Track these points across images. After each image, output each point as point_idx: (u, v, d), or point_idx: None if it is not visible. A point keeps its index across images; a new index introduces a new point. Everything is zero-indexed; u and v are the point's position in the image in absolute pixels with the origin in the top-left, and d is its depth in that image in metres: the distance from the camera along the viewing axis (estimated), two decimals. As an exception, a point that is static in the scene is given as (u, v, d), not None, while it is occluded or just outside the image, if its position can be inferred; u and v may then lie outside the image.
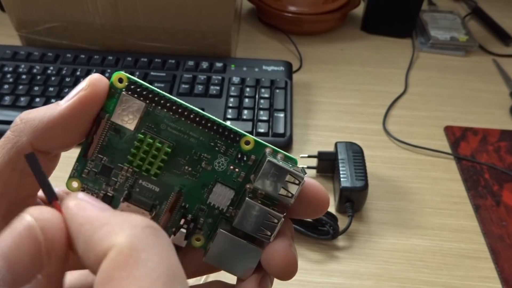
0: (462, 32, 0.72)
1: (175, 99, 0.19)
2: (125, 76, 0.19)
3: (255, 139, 0.20)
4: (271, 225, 0.20)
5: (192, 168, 0.20)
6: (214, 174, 0.20)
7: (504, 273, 0.40)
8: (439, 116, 0.58)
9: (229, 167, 0.20)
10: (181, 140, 0.20)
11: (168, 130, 0.19)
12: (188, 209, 0.20)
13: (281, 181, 0.19)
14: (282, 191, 0.19)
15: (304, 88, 0.62)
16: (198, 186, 0.20)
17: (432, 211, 0.46)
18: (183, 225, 0.20)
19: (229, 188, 0.20)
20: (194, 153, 0.20)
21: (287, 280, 0.19)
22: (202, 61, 0.60)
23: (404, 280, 0.40)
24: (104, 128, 0.19)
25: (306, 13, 0.71)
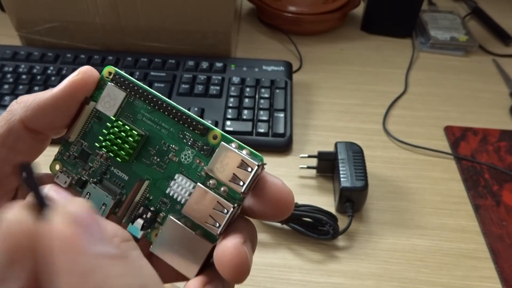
0: (462, 32, 0.72)
1: (153, 92, 0.21)
2: (113, 70, 0.21)
3: (222, 133, 0.20)
4: (221, 215, 0.19)
5: (160, 159, 0.20)
6: (180, 167, 0.20)
7: (504, 273, 0.40)
8: (439, 116, 0.58)
9: (194, 160, 0.20)
10: (153, 130, 0.21)
11: (143, 120, 0.21)
12: (152, 201, 0.21)
13: (233, 167, 0.19)
14: (233, 178, 0.19)
15: (304, 88, 0.62)
16: (163, 178, 0.20)
17: (432, 211, 0.46)
18: (142, 215, 0.20)
19: (190, 180, 0.20)
20: (163, 144, 0.20)
21: (237, 283, 0.18)
22: (202, 61, 0.60)
23: (404, 280, 0.40)
24: (90, 115, 0.21)
25: (306, 13, 0.71)
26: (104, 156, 0.21)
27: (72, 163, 0.21)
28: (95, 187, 0.21)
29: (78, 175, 0.21)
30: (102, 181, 0.21)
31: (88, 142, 0.21)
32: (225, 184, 0.19)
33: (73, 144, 0.21)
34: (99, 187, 0.21)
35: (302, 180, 0.49)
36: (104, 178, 0.21)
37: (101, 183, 0.21)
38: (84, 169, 0.21)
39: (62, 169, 0.22)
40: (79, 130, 0.21)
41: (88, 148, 0.21)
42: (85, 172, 0.21)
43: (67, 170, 0.22)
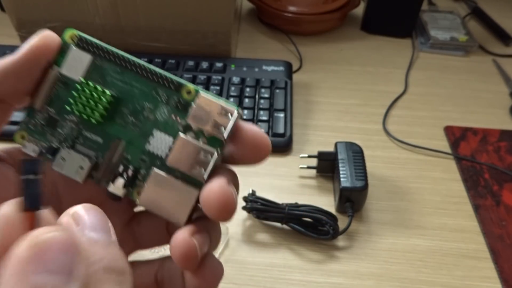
0: (462, 32, 0.72)
1: (121, 53, 0.20)
2: (76, 32, 0.21)
3: (196, 88, 0.20)
4: (205, 161, 0.19)
5: (135, 118, 0.20)
6: (156, 124, 0.20)
7: (504, 273, 0.41)
8: (439, 116, 0.58)
9: (170, 116, 0.20)
10: (125, 91, 0.20)
11: (114, 81, 0.20)
12: (130, 161, 0.20)
13: (212, 115, 0.19)
14: (214, 125, 0.19)
15: (304, 88, 0.62)
16: (140, 136, 0.20)
17: (432, 211, 0.46)
18: (122, 173, 0.20)
19: (168, 135, 0.20)
20: (137, 103, 0.20)
21: (225, 221, 0.19)
22: (202, 61, 0.60)
23: (404, 280, 0.40)
24: (55, 81, 0.20)
25: (306, 13, 0.71)
26: (75, 120, 0.20)
27: (40, 131, 0.21)
28: (69, 152, 0.20)
29: (47, 142, 0.21)
30: (75, 146, 0.20)
31: (55, 108, 0.20)
32: (206, 132, 0.19)
33: (39, 111, 0.21)
34: (73, 151, 0.20)
35: (302, 180, 0.49)
36: (77, 143, 0.20)
37: (74, 148, 0.20)
38: (54, 136, 0.21)
39: (28, 138, 0.21)
40: (44, 97, 0.20)
41: (56, 114, 0.21)
42: (55, 139, 0.21)
43: (34, 139, 0.21)
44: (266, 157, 0.20)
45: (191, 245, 0.18)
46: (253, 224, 0.44)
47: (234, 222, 0.43)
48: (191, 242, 0.18)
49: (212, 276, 0.20)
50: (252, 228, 0.44)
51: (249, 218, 0.44)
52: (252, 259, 0.41)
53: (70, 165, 0.20)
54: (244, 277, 0.40)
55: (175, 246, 0.18)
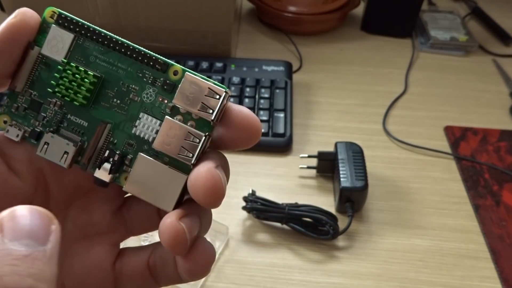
0: (462, 32, 0.72)
1: (104, 32, 0.19)
2: (56, 10, 0.20)
3: (183, 68, 0.19)
4: (193, 145, 0.19)
5: (121, 100, 0.20)
6: (143, 106, 0.19)
7: (504, 273, 0.41)
8: (439, 116, 0.58)
9: (157, 98, 0.19)
10: (109, 72, 0.19)
11: (97, 62, 0.19)
12: (117, 145, 0.20)
13: (200, 96, 0.18)
14: (201, 107, 0.18)
15: (304, 88, 0.62)
16: (126, 119, 0.20)
17: (432, 211, 0.46)
18: (108, 158, 0.19)
19: (155, 118, 0.19)
20: (122, 85, 0.19)
21: (213, 207, 0.18)
22: (202, 61, 0.60)
23: (404, 280, 0.40)
24: (36, 62, 0.19)
25: (306, 13, 0.71)
26: (58, 103, 0.20)
27: (22, 115, 0.20)
28: (53, 136, 0.19)
29: (31, 126, 0.20)
30: (59, 130, 0.20)
31: (38, 90, 0.20)
32: (194, 114, 0.19)
33: (21, 94, 0.20)
34: (57, 136, 0.19)
35: (302, 180, 0.49)
36: (61, 127, 0.20)
37: (58, 132, 0.20)
38: (37, 120, 0.20)
39: (11, 122, 0.20)
40: (25, 79, 0.20)
41: (39, 97, 0.20)
42: (38, 123, 0.20)
43: (17, 123, 0.20)
44: (256, 140, 0.19)
45: (179, 229, 0.17)
46: (253, 224, 0.44)
47: (234, 222, 0.44)
48: (179, 226, 0.17)
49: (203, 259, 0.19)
50: (252, 228, 0.44)
51: (249, 218, 0.44)
52: (252, 259, 0.41)
53: (54, 150, 0.19)
54: (244, 277, 0.40)
55: (163, 231, 0.18)
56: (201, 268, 0.19)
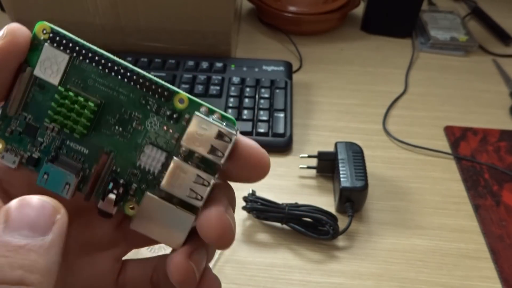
0: (462, 32, 0.72)
1: (102, 52, 0.18)
2: (48, 27, 0.18)
3: (189, 97, 0.18)
4: (201, 188, 0.18)
5: (123, 128, 0.18)
6: (147, 135, 0.19)
7: (504, 273, 0.41)
8: (439, 116, 0.58)
9: (162, 127, 0.18)
10: (110, 97, 0.18)
11: (96, 86, 0.18)
12: (120, 173, 0.19)
13: (210, 139, 0.18)
14: (211, 150, 0.18)
15: (304, 88, 0.62)
16: (129, 148, 0.19)
17: (432, 211, 0.46)
18: (112, 190, 0.18)
19: (161, 150, 0.19)
20: (124, 112, 0.18)
21: (223, 249, 0.18)
22: (202, 61, 0.60)
23: (404, 280, 0.40)
24: (28, 83, 0.18)
25: (306, 13, 0.71)
26: (56, 129, 0.19)
27: (18, 139, 0.19)
28: (52, 166, 0.18)
29: (27, 152, 0.19)
30: (58, 157, 0.19)
31: (33, 114, 0.18)
32: (203, 156, 0.18)
33: (14, 118, 0.18)
34: (57, 165, 0.18)
35: (302, 180, 0.49)
36: (60, 154, 0.19)
37: (57, 160, 0.19)
38: (34, 145, 0.19)
39: (6, 147, 0.19)
40: (18, 102, 0.18)
41: (34, 121, 0.19)
42: (36, 149, 0.19)
43: (12, 147, 0.19)
44: (264, 176, 0.19)
45: (188, 268, 0.18)
46: (253, 224, 0.44)
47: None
48: (188, 266, 0.18)
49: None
50: (252, 228, 0.44)
51: (249, 218, 0.44)
52: (252, 259, 0.41)
53: (55, 180, 0.18)
54: (244, 277, 0.40)
55: (172, 270, 0.18)
56: None
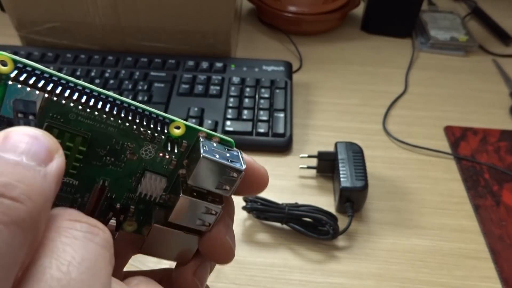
0: (462, 32, 0.72)
1: (82, 84, 0.16)
2: (9, 59, 0.15)
3: (185, 123, 0.18)
4: (209, 216, 0.19)
5: (115, 158, 0.17)
6: (142, 163, 0.18)
7: (504, 273, 0.41)
8: (439, 116, 0.58)
9: (158, 154, 0.18)
10: (96, 129, 0.16)
11: (79, 119, 0.16)
12: (116, 199, 0.18)
13: (218, 176, 0.17)
14: (219, 186, 0.18)
15: (304, 88, 0.62)
16: (124, 176, 0.18)
17: (432, 211, 0.46)
18: (111, 218, 0.18)
19: (160, 175, 0.18)
20: (115, 143, 0.17)
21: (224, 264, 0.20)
22: (202, 61, 0.60)
23: (404, 280, 0.40)
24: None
25: (306, 13, 0.71)
26: None
27: None
28: None
29: None
30: None
31: None
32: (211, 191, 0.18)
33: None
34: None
35: (302, 180, 0.49)
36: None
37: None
38: None
39: None
40: None
41: None
42: None
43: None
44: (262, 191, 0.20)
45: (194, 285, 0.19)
46: (253, 224, 0.44)
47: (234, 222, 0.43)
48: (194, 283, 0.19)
49: None
50: (252, 228, 0.44)
51: (249, 218, 0.44)
52: (252, 259, 0.41)
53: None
54: (244, 277, 0.40)
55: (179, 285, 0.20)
56: None
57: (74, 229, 0.13)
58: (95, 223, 0.14)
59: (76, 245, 0.13)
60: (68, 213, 0.14)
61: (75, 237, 0.13)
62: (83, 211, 0.17)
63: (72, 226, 0.14)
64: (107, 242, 0.14)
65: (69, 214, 0.14)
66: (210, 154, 0.17)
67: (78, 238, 0.13)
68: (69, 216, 0.14)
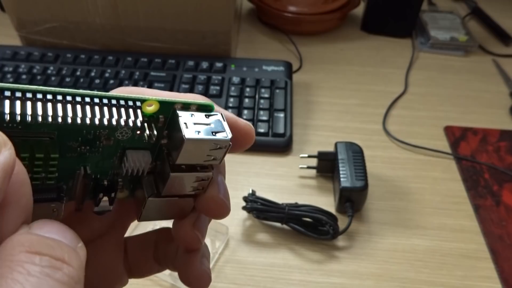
0: (462, 32, 0.72)
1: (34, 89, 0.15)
2: None
3: (158, 99, 0.17)
4: (201, 183, 0.19)
5: (90, 146, 0.17)
6: (120, 143, 0.17)
7: (504, 273, 0.41)
8: (439, 116, 0.58)
9: (135, 133, 0.17)
10: (61, 126, 0.15)
11: (39, 123, 0.15)
12: (101, 177, 0.18)
13: (205, 151, 0.17)
14: (207, 158, 0.18)
15: (304, 88, 0.62)
16: (104, 158, 0.18)
17: (432, 211, 0.46)
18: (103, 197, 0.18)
19: (142, 150, 0.18)
20: (86, 133, 0.16)
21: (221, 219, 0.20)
22: (202, 61, 0.60)
23: (404, 280, 0.40)
24: None
25: (306, 13, 0.71)
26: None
27: None
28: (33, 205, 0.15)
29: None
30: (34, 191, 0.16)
31: None
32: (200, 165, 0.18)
33: None
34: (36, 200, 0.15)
35: (302, 180, 0.49)
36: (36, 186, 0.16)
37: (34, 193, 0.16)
38: None
39: None
40: None
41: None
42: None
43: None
44: (251, 144, 0.20)
45: (194, 237, 0.20)
46: (253, 224, 0.44)
47: (234, 222, 0.44)
48: (194, 235, 0.20)
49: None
50: (252, 228, 0.44)
51: (249, 218, 0.44)
52: (252, 259, 0.41)
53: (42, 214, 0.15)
54: (244, 277, 0.40)
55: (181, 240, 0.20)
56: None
57: (30, 263, 0.12)
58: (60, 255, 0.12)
59: (29, 282, 0.11)
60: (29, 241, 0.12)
61: (30, 273, 0.12)
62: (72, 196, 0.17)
63: (29, 259, 0.12)
64: (72, 277, 0.12)
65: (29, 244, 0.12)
66: (192, 133, 0.17)
67: (34, 274, 0.12)
68: (28, 247, 0.12)
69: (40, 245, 0.12)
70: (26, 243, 0.12)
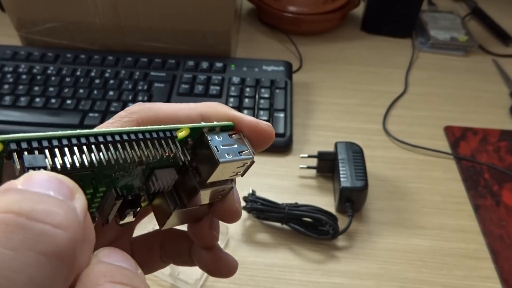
0: (462, 32, 0.72)
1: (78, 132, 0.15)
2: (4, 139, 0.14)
3: (189, 126, 0.18)
4: (222, 193, 0.21)
5: (124, 171, 0.18)
6: (149, 165, 0.18)
7: (504, 273, 0.41)
8: (439, 116, 0.58)
9: (164, 155, 0.18)
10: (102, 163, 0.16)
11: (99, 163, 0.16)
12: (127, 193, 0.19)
13: (233, 169, 0.19)
14: (232, 174, 0.19)
15: (304, 88, 0.62)
16: (133, 179, 0.18)
17: (432, 211, 0.46)
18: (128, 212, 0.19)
19: (168, 168, 0.19)
20: (123, 163, 0.17)
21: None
22: (202, 61, 0.60)
23: (404, 280, 0.40)
24: None
25: (306, 13, 0.71)
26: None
27: None
28: None
29: None
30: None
31: None
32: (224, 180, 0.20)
33: None
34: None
35: (302, 180, 0.49)
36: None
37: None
38: None
39: None
40: None
41: None
42: None
43: None
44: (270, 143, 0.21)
45: (212, 236, 0.22)
46: (253, 224, 0.44)
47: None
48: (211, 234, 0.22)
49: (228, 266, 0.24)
50: (252, 228, 0.44)
51: (249, 218, 0.44)
52: (252, 259, 0.41)
53: None
54: (244, 277, 0.40)
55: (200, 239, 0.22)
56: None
57: None
58: (138, 284, 0.13)
59: None
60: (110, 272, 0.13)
61: None
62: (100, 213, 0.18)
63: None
64: None
65: (111, 274, 0.13)
66: (224, 156, 0.18)
67: None
68: (111, 277, 0.13)
69: (120, 276, 0.13)
70: (108, 273, 0.13)
